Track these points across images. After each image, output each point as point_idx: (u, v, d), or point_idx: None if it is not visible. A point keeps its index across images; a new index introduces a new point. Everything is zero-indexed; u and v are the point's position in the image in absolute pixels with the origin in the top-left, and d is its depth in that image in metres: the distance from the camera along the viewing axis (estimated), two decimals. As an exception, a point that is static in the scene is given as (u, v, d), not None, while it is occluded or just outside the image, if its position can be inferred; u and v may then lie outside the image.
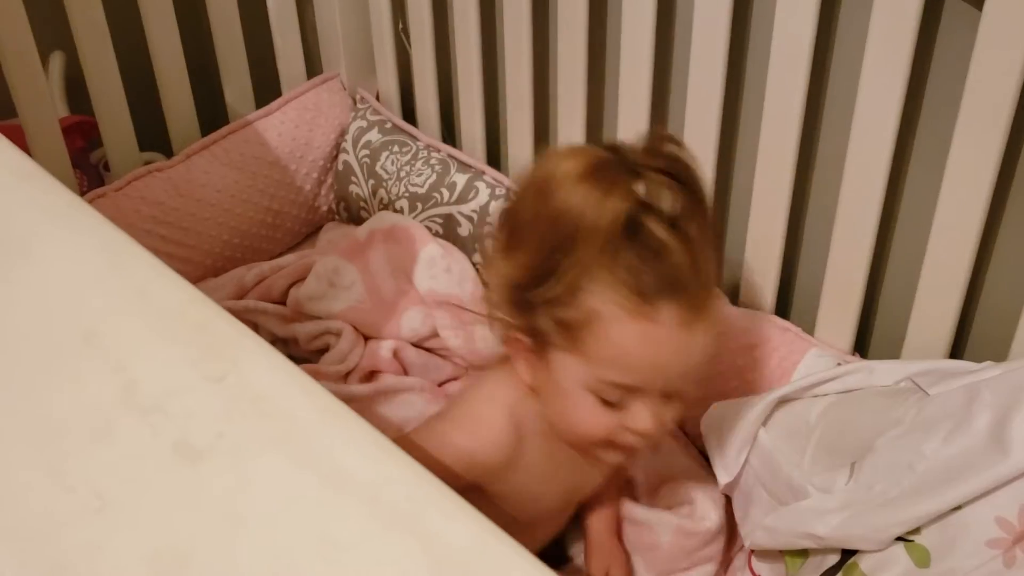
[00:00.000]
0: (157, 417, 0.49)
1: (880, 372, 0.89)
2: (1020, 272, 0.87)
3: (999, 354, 0.89)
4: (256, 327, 1.20)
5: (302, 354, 1.20)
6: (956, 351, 0.93)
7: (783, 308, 1.05)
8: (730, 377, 0.99)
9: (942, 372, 0.86)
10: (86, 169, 1.27)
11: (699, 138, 1.00)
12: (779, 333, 0.99)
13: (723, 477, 0.92)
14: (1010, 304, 0.87)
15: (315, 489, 0.47)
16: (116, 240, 0.58)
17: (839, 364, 0.94)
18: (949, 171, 0.84)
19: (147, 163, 1.22)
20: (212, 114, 1.31)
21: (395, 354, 1.17)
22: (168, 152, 1.26)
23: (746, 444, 0.91)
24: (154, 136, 1.27)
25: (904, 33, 0.82)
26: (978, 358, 0.89)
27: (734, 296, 1.05)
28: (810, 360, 0.95)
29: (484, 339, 1.13)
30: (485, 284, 0.92)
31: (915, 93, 0.87)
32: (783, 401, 0.91)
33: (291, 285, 1.21)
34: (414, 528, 0.46)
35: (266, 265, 1.23)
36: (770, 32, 0.90)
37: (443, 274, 1.18)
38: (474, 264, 1.20)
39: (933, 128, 0.88)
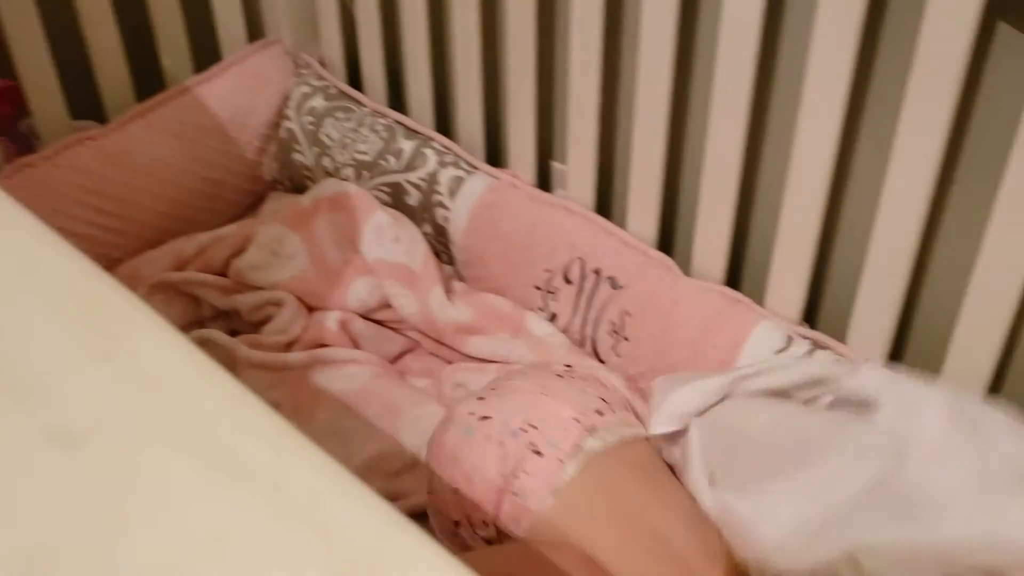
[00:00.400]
0: (32, 399, 0.45)
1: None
2: (968, 247, 0.85)
3: (946, 328, 0.87)
4: (196, 299, 1.16)
5: (244, 327, 1.16)
6: (905, 317, 0.92)
7: (734, 279, 1.03)
8: (681, 347, 0.97)
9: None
10: (15, 137, 1.22)
11: (650, 104, 0.98)
12: (730, 304, 0.97)
13: (656, 427, 0.88)
14: (958, 276, 0.86)
15: (207, 479, 0.44)
16: (1, 208, 0.54)
17: (790, 337, 0.91)
18: (898, 142, 0.83)
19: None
20: (148, 81, 1.27)
21: (343, 326, 1.13)
22: (103, 121, 1.21)
23: (695, 412, 0.87)
24: (88, 104, 1.22)
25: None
26: (927, 329, 0.89)
27: (686, 267, 1.03)
28: (761, 332, 0.93)
29: (440, 305, 1.09)
30: None
31: (865, 62, 0.85)
32: (742, 379, 0.87)
33: (232, 256, 1.17)
34: (315, 520, 0.43)
35: (205, 236, 1.19)
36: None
37: (391, 243, 1.14)
38: (424, 234, 1.16)
39: (883, 100, 0.86)
